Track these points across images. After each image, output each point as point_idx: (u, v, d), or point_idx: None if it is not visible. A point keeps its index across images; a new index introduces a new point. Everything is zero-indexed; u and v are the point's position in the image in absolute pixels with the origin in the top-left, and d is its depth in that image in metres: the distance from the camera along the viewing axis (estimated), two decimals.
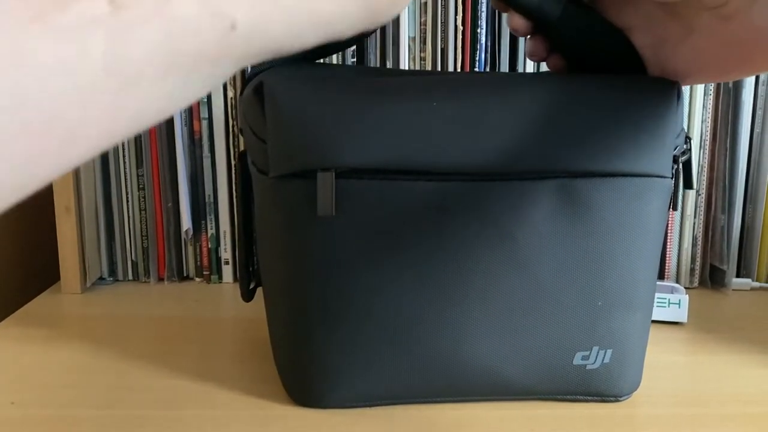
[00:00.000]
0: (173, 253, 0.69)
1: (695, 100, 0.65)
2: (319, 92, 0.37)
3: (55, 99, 0.18)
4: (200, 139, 0.67)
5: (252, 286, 0.48)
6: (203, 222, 0.68)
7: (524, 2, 0.38)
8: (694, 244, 0.68)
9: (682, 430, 0.41)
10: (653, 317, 0.50)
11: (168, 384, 0.46)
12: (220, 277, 0.69)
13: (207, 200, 0.68)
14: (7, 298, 0.68)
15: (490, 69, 0.66)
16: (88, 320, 0.58)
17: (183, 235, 0.68)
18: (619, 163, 0.37)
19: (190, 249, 0.69)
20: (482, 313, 0.39)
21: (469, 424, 0.41)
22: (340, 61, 0.65)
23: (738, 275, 0.68)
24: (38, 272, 0.72)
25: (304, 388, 0.42)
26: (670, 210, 0.41)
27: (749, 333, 0.56)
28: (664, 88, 0.38)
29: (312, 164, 0.36)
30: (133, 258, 0.69)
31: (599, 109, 0.37)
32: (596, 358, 0.41)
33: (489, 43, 0.65)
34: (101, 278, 0.69)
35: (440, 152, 0.36)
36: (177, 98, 0.21)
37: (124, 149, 0.67)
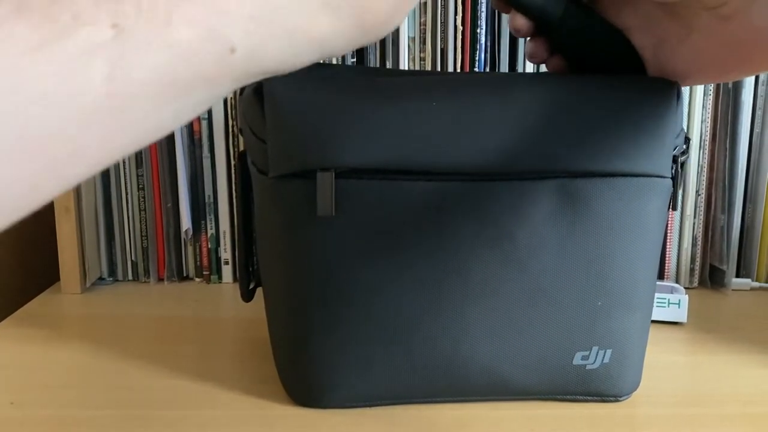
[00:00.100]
0: (173, 254, 0.69)
1: (695, 101, 0.65)
2: (318, 92, 0.37)
3: (56, 122, 0.18)
4: (200, 140, 0.67)
5: (252, 286, 0.48)
6: (203, 222, 0.68)
7: (527, 2, 0.38)
8: (693, 244, 0.68)
9: (681, 430, 0.41)
10: (653, 317, 0.50)
11: (168, 384, 0.46)
12: (220, 277, 0.69)
13: (207, 200, 0.68)
14: (7, 298, 0.68)
15: (490, 69, 0.66)
16: (88, 320, 0.58)
17: (183, 236, 0.68)
18: (619, 163, 0.37)
19: (190, 249, 0.69)
20: (482, 313, 0.39)
21: (469, 424, 0.41)
22: (340, 62, 0.65)
23: (738, 275, 0.68)
24: (38, 272, 0.72)
25: (304, 388, 0.42)
26: (670, 210, 0.41)
27: (749, 333, 0.56)
28: (664, 88, 0.38)
29: (312, 164, 0.36)
30: (132, 258, 0.69)
31: (599, 109, 0.37)
32: (596, 358, 0.41)
33: (489, 44, 0.65)
34: (101, 278, 0.69)
35: (440, 152, 0.36)
36: (177, 117, 0.22)
37: None
